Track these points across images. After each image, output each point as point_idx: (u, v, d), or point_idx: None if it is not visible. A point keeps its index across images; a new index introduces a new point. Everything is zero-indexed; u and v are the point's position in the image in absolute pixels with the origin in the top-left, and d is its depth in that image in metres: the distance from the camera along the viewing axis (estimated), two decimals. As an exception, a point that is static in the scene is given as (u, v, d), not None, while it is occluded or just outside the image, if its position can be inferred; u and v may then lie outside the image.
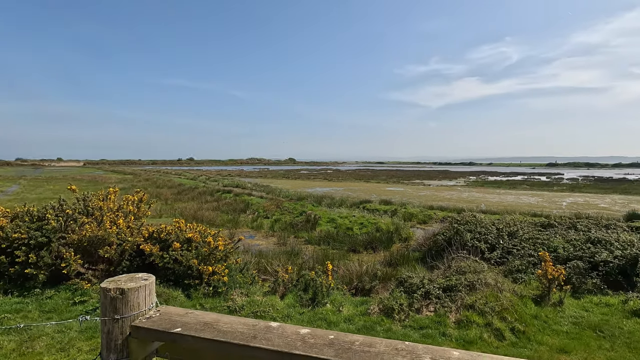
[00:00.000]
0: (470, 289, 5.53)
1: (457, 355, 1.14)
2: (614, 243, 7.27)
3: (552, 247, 7.83)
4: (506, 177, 58.60)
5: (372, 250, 12.15)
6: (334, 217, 15.92)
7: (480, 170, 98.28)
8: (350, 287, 7.27)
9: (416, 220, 17.43)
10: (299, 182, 49.22)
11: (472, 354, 1.15)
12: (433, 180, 52.68)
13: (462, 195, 30.34)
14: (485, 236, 9.24)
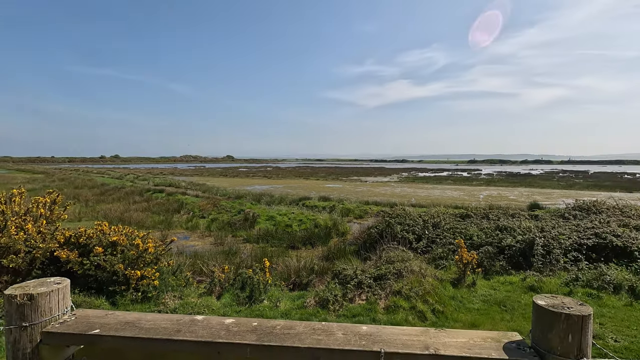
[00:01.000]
0: (398, 277, 5.98)
1: (365, 330, 1.30)
2: (516, 229, 8.41)
3: (468, 235, 8.77)
4: (434, 173, 63.55)
5: (310, 246, 12.40)
6: (273, 214, 15.89)
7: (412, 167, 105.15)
8: (288, 282, 7.38)
9: (353, 215, 18.16)
10: (237, 180, 47.96)
11: (378, 327, 1.32)
12: (369, 176, 55.10)
13: (395, 191, 32.24)
14: (413, 228, 10.00)
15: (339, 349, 1.18)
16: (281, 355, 1.20)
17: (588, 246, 7.51)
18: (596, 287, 6.05)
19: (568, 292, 6.00)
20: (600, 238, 7.63)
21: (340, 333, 1.27)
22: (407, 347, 1.18)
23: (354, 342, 1.21)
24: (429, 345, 1.19)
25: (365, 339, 1.23)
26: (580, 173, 59.73)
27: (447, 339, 1.23)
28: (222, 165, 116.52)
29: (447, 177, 51.21)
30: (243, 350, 1.21)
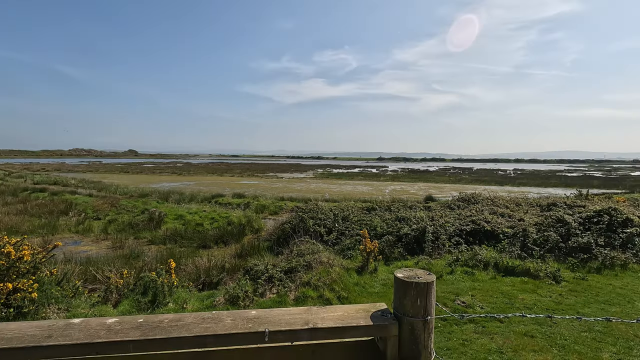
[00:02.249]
0: (308, 269, 6.25)
1: (254, 314, 1.39)
2: (412, 219, 9.47)
3: (372, 226, 9.56)
4: (347, 169, 67.00)
5: (223, 245, 12.05)
6: (183, 213, 14.97)
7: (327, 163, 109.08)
8: (197, 283, 7.10)
9: (268, 211, 18.16)
10: (142, 177, 43.73)
11: (266, 310, 1.42)
12: (286, 173, 55.52)
13: (310, 186, 33.13)
14: (324, 221, 10.47)
15: (226, 334, 1.25)
16: (166, 347, 1.21)
17: (467, 231, 8.85)
18: (471, 265, 7.19)
19: (450, 271, 7.01)
20: (475, 224, 9.05)
21: (229, 319, 1.33)
22: (290, 325, 1.31)
23: (241, 326, 1.29)
24: (309, 321, 1.34)
25: (252, 322, 1.32)
26: (467, 170, 69.34)
27: (325, 314, 1.40)
28: (124, 161, 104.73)
29: (359, 173, 54.53)
30: (125, 347, 1.19)
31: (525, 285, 6.18)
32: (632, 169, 76.01)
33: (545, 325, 4.63)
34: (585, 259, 7.17)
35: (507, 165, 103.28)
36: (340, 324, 1.34)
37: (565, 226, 8.12)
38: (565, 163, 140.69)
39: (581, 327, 4.53)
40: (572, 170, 71.79)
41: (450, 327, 4.68)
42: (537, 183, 37.92)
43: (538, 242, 7.88)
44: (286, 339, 1.30)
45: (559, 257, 7.40)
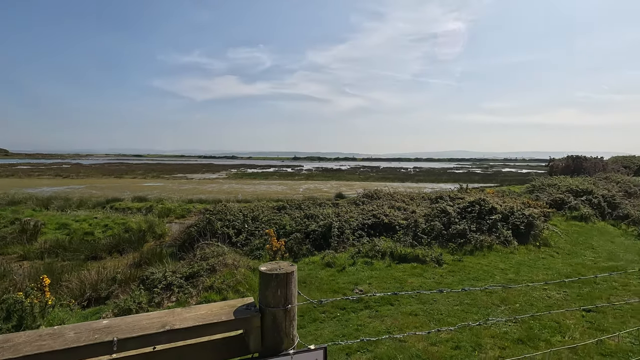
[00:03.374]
0: (212, 272, 6.02)
1: (104, 324, 1.29)
2: (320, 216, 9.84)
3: (282, 225, 9.66)
4: (262, 169, 66.30)
5: (119, 254, 10.86)
6: (67, 221, 13.03)
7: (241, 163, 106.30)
8: (82, 299, 6.27)
9: (174, 215, 16.95)
10: (13, 180, 36.81)
11: (122, 318, 1.34)
12: (196, 173, 52.46)
13: (223, 187, 31.92)
14: (233, 222, 10.21)
15: (65, 349, 1.14)
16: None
17: (368, 225, 9.55)
18: (371, 255, 7.79)
19: (352, 262, 7.48)
20: (376, 218, 9.81)
21: (72, 333, 1.22)
22: (144, 330, 1.25)
23: (86, 338, 1.19)
24: (167, 323, 1.30)
25: (100, 332, 1.23)
26: (374, 168, 74.73)
27: (188, 314, 1.37)
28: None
29: (274, 173, 54.43)
30: None
31: (415, 270, 6.95)
32: (504, 166, 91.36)
33: (427, 304, 5.27)
34: (461, 243, 8.36)
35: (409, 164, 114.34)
36: (202, 322, 1.33)
37: (447, 216, 9.35)
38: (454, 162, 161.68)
39: (454, 302, 5.28)
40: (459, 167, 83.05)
41: (348, 315, 5.01)
42: (431, 179, 42.81)
43: (426, 231, 8.92)
44: (139, 345, 1.24)
45: (442, 243, 8.49)
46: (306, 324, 4.83)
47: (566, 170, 26.54)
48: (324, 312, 5.09)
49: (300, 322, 4.84)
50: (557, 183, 16.24)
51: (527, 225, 9.14)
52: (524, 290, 5.63)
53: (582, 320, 4.53)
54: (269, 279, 1.41)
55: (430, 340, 3.99)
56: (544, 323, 4.41)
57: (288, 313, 1.44)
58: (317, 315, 5.05)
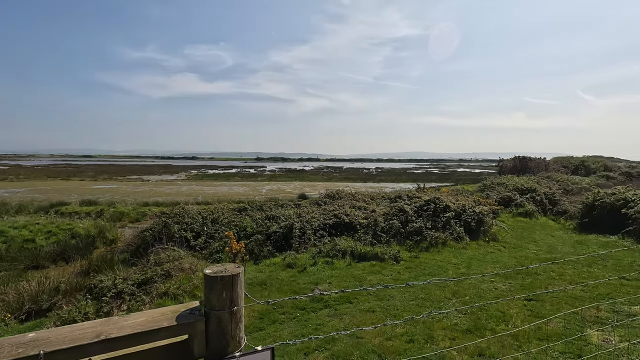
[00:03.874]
0: (167, 277, 5.79)
1: (30, 336, 1.20)
2: (281, 217, 9.80)
3: (242, 227, 9.50)
4: (224, 170, 64.68)
5: (64, 262, 10.12)
6: (3, 228, 11.90)
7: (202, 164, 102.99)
8: (20, 313, 5.76)
9: (128, 219, 16.08)
10: (-61, 184, 33.09)
11: (51, 330, 1.25)
12: (153, 175, 50.12)
13: (181, 189, 30.75)
14: (191, 225, 9.88)
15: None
16: None
17: (330, 225, 9.65)
18: (332, 255, 7.88)
19: (313, 262, 7.53)
20: (337, 218, 9.94)
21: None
22: (76, 341, 1.18)
23: (8, 353, 1.10)
24: (102, 332, 1.24)
25: (25, 346, 1.14)
26: (338, 169, 75.59)
27: (126, 322, 1.32)
28: None
29: (236, 174, 53.32)
30: None
31: (374, 268, 7.12)
32: (459, 166, 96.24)
33: (384, 300, 5.43)
34: (418, 240, 8.70)
35: (371, 164, 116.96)
36: (141, 329, 1.28)
37: (405, 214, 9.69)
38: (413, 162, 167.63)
39: (410, 297, 5.48)
40: (418, 168, 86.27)
41: (308, 314, 5.03)
42: (392, 179, 44.10)
43: (385, 229, 9.18)
44: (71, 358, 1.17)
45: (400, 241, 8.79)
46: (265, 326, 4.79)
47: (513, 170, 28.50)
48: (283, 313, 5.07)
49: (260, 324, 4.79)
50: (505, 182, 17.40)
51: (478, 221, 9.71)
52: (473, 283, 5.97)
53: (524, 309, 4.89)
54: (214, 281, 1.39)
55: (386, 335, 4.11)
56: (490, 313, 4.71)
57: (234, 315, 1.42)
58: (277, 316, 5.03)
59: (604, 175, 28.18)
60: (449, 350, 3.64)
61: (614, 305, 4.87)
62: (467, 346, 3.72)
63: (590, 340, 3.89)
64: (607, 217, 10.77)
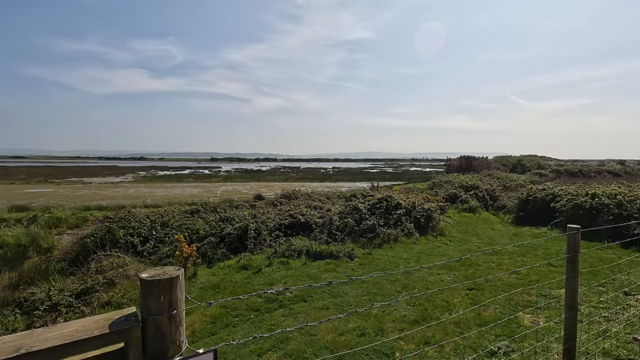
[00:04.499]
0: (110, 286, 5.43)
1: None
2: (235, 219, 9.60)
3: (195, 230, 9.16)
4: (175, 171, 61.84)
5: (-11, 275, 9.07)
6: None
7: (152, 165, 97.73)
8: None
9: (66, 225, 14.80)
10: None
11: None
12: (96, 177, 46.65)
13: (128, 192, 28.94)
14: (139, 230, 9.34)
15: None
16: None
17: (285, 225, 9.63)
18: (287, 255, 7.87)
19: (268, 263, 7.47)
20: (293, 218, 9.94)
21: None
22: (-9, 357, 1.09)
23: None
24: (22, 346, 1.15)
25: None
26: (295, 169, 75.51)
27: (52, 333, 1.23)
28: None
29: (189, 175, 51.24)
30: None
31: (328, 266, 7.24)
32: (411, 165, 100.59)
33: (338, 297, 5.54)
34: (371, 237, 8.98)
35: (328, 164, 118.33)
36: (68, 340, 1.21)
37: (359, 212, 9.95)
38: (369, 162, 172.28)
39: (363, 293, 5.65)
40: (374, 167, 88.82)
41: (262, 316, 4.99)
42: (348, 179, 44.96)
43: (340, 227, 9.36)
44: (-16, 376, 1.08)
45: (354, 239, 9.00)
46: (218, 330, 4.67)
47: (460, 168, 30.40)
48: (237, 316, 4.99)
49: (212, 329, 4.67)
50: (452, 180, 18.51)
51: (427, 218, 10.23)
52: (422, 276, 6.30)
53: (466, 298, 5.25)
54: (150, 285, 1.34)
55: (339, 330, 4.21)
56: (436, 303, 5.00)
57: (173, 319, 1.39)
58: (230, 319, 4.93)
59: (537, 173, 31.03)
60: (397, 341, 3.82)
61: (542, 290, 5.39)
62: (414, 336, 3.92)
63: (522, 322, 4.28)
64: (538, 211, 11.88)
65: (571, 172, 32.14)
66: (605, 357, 3.31)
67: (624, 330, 3.86)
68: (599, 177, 29.40)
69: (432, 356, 3.47)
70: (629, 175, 30.58)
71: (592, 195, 10.37)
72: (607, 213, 9.52)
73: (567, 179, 25.82)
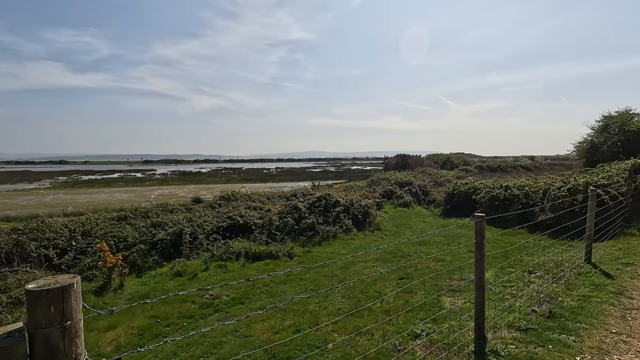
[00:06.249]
0: (16, 305, 4.81)
1: None
2: (168, 223, 9.08)
3: (122, 237, 8.48)
4: (102, 175, 56.61)
5: None
6: None
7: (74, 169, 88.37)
8: None
9: (-37, 240, 12.77)
10: None
11: None
12: (4, 184, 40.95)
13: (44, 199, 25.88)
14: (54, 241, 8.38)
15: None
16: None
17: (224, 227, 9.35)
18: (225, 258, 7.66)
19: (205, 268, 7.21)
20: (231, 219, 9.69)
21: None
22: None
23: None
24: None
25: None
26: (237, 170, 73.57)
27: None
28: None
29: (119, 179, 47.29)
30: None
31: (268, 267, 7.19)
32: (353, 164, 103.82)
33: (276, 296, 5.54)
34: (311, 235, 9.11)
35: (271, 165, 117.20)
36: None
37: (299, 211, 10.03)
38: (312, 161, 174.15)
39: (300, 290, 5.72)
40: (317, 167, 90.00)
41: (195, 322, 4.81)
42: (292, 178, 45.00)
43: (280, 227, 9.35)
44: None
45: (294, 237, 9.06)
46: (147, 341, 4.39)
47: (396, 166, 32.11)
48: (168, 325, 4.74)
49: (139, 342, 4.37)
50: (389, 177, 19.48)
51: (364, 214, 10.65)
52: (358, 270, 6.55)
53: (397, 287, 5.58)
54: (38, 296, 1.23)
55: (275, 329, 4.21)
56: (369, 294, 5.24)
57: (67, 331, 1.29)
58: (161, 329, 4.66)
59: (463, 169, 33.95)
60: (330, 334, 3.93)
61: (462, 274, 5.93)
62: (347, 326, 4.07)
63: (444, 305, 4.67)
64: (463, 203, 13.02)
65: (492, 167, 35.71)
66: (509, 329, 3.76)
67: (526, 304, 4.41)
68: (514, 171, 33.10)
69: (363, 344, 3.64)
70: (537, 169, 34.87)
71: (506, 187, 11.65)
72: (517, 203, 10.77)
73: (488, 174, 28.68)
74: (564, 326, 3.72)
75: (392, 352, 3.45)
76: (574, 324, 3.76)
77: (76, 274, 1.40)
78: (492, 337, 3.58)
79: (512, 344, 3.42)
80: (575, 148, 20.81)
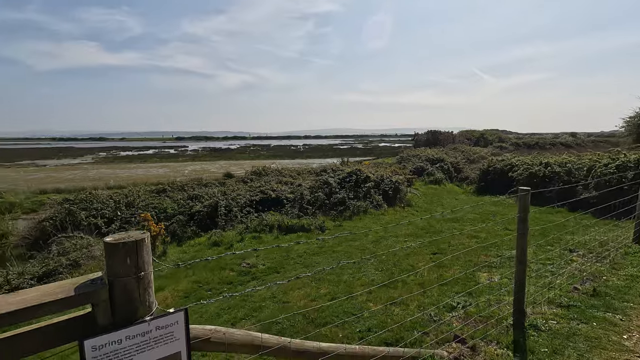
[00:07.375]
0: (74, 267, 5.26)
1: None
2: (204, 196, 9.45)
3: (162, 209, 8.94)
4: (139, 151, 59.17)
5: (-63, 264, 8.47)
6: None
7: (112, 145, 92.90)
8: None
9: (21, 210, 14.02)
10: None
11: None
12: (51, 159, 43.82)
13: (88, 174, 27.53)
14: (102, 211, 8.99)
15: None
16: None
17: (256, 201, 9.61)
18: (259, 230, 7.92)
19: (240, 239, 7.51)
20: (264, 193, 9.93)
21: None
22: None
23: None
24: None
25: None
26: (265, 147, 74.50)
27: (14, 298, 1.22)
28: None
29: (153, 155, 49.29)
30: None
31: (300, 239, 7.37)
32: (381, 141, 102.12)
33: (310, 267, 5.70)
34: (342, 210, 9.18)
35: (298, 141, 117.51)
36: (33, 303, 1.20)
37: (329, 186, 10.09)
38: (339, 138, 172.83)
39: (334, 262, 5.84)
40: (344, 143, 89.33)
41: (235, 289, 5.06)
42: (319, 155, 45.08)
43: (311, 201, 9.48)
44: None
45: (325, 212, 9.17)
46: (191, 304, 4.70)
47: (427, 142, 31.27)
48: (209, 290, 5.03)
49: (185, 303, 4.68)
50: (419, 154, 19.05)
51: (395, 190, 10.56)
52: (389, 244, 6.58)
53: (430, 262, 5.58)
54: (115, 248, 1.34)
55: (311, 297, 4.37)
56: (402, 267, 5.28)
57: (141, 280, 1.40)
58: (203, 294, 4.97)
59: (498, 146, 32.54)
60: (365, 303, 4.03)
61: (498, 251, 5.82)
62: (381, 296, 4.15)
63: (479, 280, 4.63)
64: (498, 180, 12.58)
65: (529, 144, 33.99)
66: (549, 305, 3.69)
67: (567, 282, 4.28)
68: (553, 148, 31.37)
69: (398, 313, 3.71)
70: (579, 147, 32.84)
71: (546, 164, 11.09)
72: (558, 180, 10.26)
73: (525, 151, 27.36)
74: (609, 304, 3.60)
75: (428, 322, 3.49)
76: (620, 303, 3.63)
77: (145, 231, 1.50)
78: (532, 312, 3.53)
79: (553, 320, 3.36)
80: (625, 123, 19.31)
